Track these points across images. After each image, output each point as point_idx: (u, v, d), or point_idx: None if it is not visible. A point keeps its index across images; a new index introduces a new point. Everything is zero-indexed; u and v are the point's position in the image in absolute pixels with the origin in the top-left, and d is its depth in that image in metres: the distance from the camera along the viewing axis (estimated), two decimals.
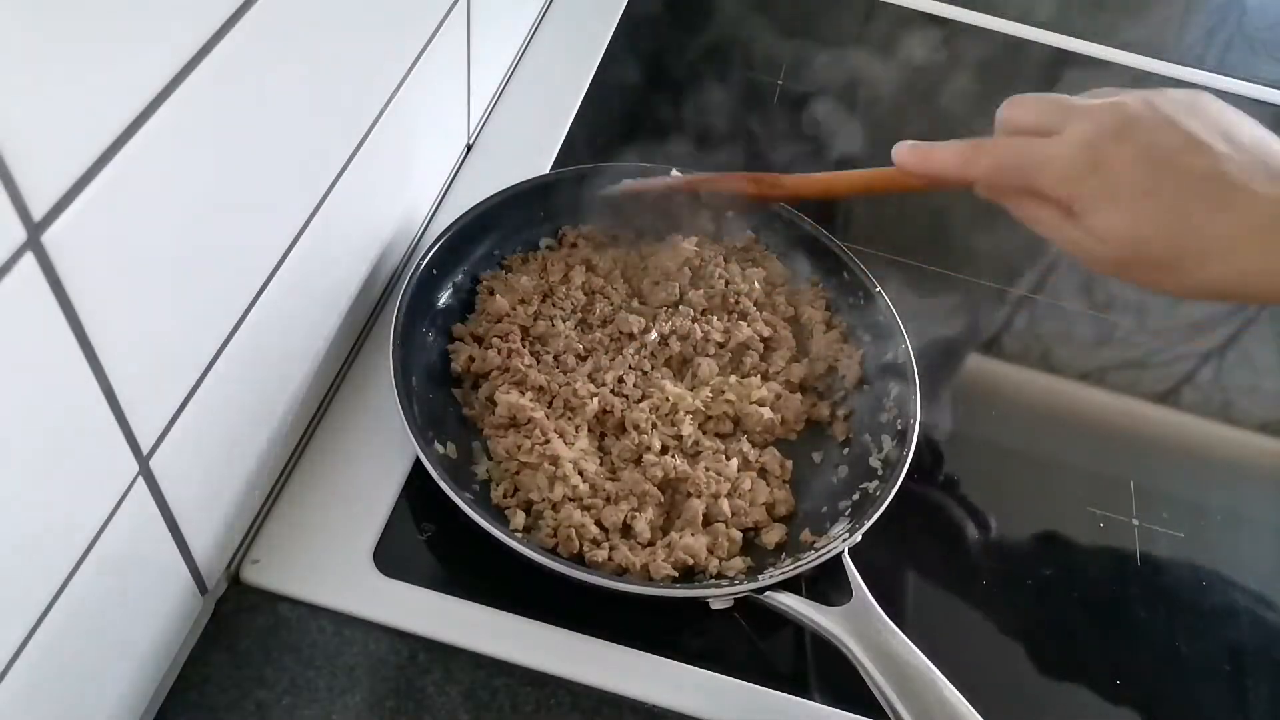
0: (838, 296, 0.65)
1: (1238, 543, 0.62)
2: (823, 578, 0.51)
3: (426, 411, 0.56)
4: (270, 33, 0.38)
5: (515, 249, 0.65)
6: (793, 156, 0.78)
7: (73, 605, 0.36)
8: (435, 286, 0.61)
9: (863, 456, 0.58)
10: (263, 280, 0.44)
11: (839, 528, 0.54)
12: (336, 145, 0.49)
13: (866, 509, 0.53)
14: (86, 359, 0.33)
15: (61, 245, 0.30)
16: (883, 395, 0.60)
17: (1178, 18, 1.02)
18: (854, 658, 0.47)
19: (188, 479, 0.43)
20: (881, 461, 0.57)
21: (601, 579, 0.49)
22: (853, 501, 0.55)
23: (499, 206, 0.64)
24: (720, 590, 0.50)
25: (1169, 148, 0.44)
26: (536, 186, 0.65)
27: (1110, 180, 0.44)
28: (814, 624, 0.48)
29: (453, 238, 0.61)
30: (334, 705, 0.47)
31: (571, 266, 0.64)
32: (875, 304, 0.62)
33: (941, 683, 0.46)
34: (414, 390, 0.55)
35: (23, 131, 0.27)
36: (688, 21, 0.91)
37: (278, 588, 0.51)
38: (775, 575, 0.50)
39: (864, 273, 0.64)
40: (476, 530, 0.49)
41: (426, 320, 0.60)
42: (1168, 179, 0.43)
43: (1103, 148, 0.44)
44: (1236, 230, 0.43)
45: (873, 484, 0.55)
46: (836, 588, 0.50)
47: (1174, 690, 0.55)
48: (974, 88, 0.92)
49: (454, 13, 0.61)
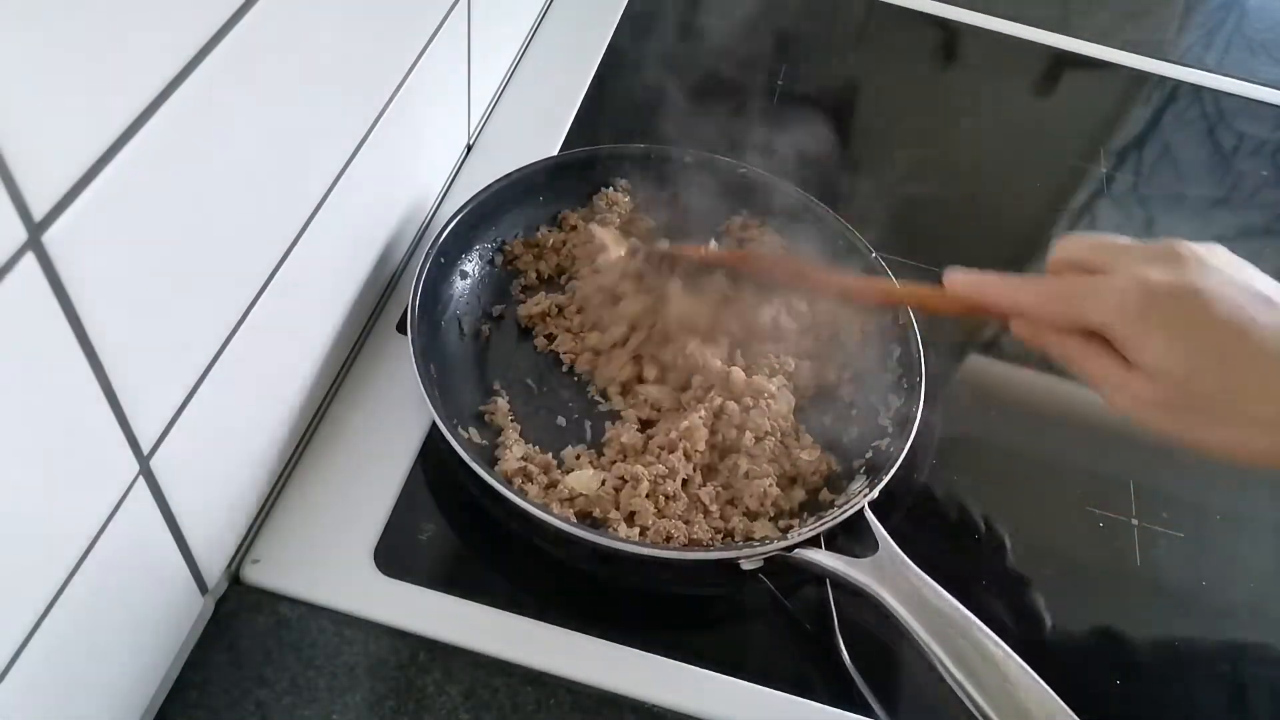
0: (834, 263, 0.66)
1: (1238, 543, 0.62)
2: (846, 535, 0.52)
3: (449, 399, 0.56)
4: (270, 33, 0.38)
5: (517, 234, 0.67)
6: (793, 156, 0.78)
7: (73, 605, 0.36)
8: (445, 276, 0.62)
9: (871, 416, 0.60)
10: (263, 280, 0.44)
11: (856, 484, 0.55)
12: (337, 146, 0.49)
13: (882, 465, 0.55)
14: (86, 359, 0.33)
15: (61, 245, 0.30)
16: (886, 356, 0.62)
17: (1178, 18, 1.02)
18: (888, 605, 0.48)
19: (188, 479, 0.43)
20: (891, 419, 0.58)
21: (634, 546, 0.50)
22: (866, 460, 0.57)
23: (506, 190, 0.65)
24: (752, 550, 0.51)
25: (1229, 288, 0.43)
26: (542, 169, 0.67)
27: (1165, 314, 0.43)
28: (845, 576, 0.50)
29: (459, 224, 0.62)
30: (334, 705, 0.47)
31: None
32: (873, 270, 0.64)
33: (975, 623, 0.47)
34: (434, 377, 0.56)
35: (23, 131, 0.27)
36: (688, 21, 0.91)
37: (278, 587, 0.51)
38: (804, 532, 0.51)
39: (860, 239, 0.65)
40: (501, 520, 0.50)
41: (440, 307, 0.61)
42: (1223, 315, 0.42)
43: (1158, 282, 0.43)
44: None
45: (884, 440, 0.57)
46: (860, 542, 0.52)
47: (1174, 690, 0.55)
48: (974, 88, 0.92)
49: (454, 13, 0.61)
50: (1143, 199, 0.83)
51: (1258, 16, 1.05)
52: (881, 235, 0.68)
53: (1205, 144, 0.89)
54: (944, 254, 0.74)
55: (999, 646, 0.47)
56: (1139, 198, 0.83)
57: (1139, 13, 1.01)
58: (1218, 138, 0.90)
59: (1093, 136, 0.88)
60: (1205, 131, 0.91)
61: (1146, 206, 0.82)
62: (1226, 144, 0.90)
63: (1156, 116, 0.91)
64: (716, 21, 0.92)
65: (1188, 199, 0.84)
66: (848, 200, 0.74)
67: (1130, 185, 0.84)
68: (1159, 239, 0.46)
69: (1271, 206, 0.86)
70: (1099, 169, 0.84)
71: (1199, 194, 0.84)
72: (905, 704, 0.51)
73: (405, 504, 0.54)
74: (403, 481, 0.55)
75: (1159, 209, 0.82)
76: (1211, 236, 0.46)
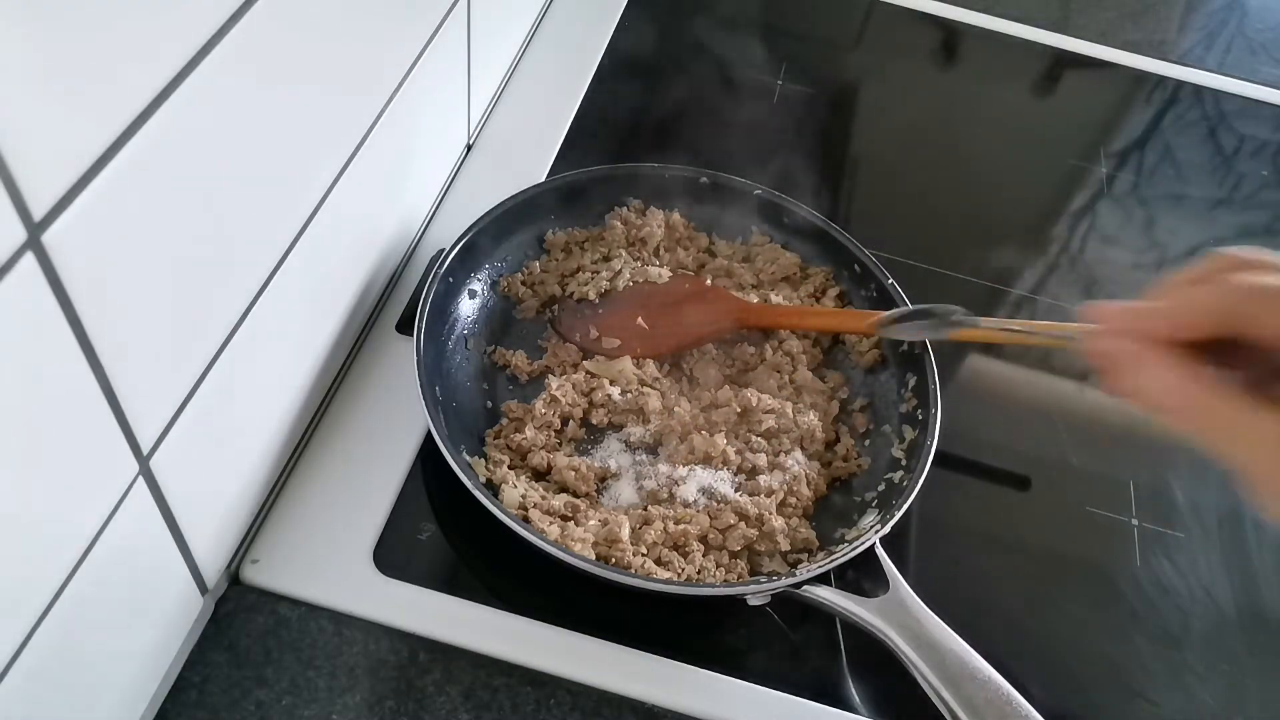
0: (851, 289, 0.66)
1: (1238, 543, 0.62)
2: (855, 570, 0.51)
3: (454, 422, 0.56)
4: (270, 33, 0.38)
5: (523, 258, 0.66)
6: (793, 157, 0.78)
7: (73, 605, 0.36)
8: (452, 295, 0.61)
9: (884, 448, 0.59)
10: (263, 280, 0.44)
11: (868, 519, 0.54)
12: (337, 145, 0.49)
13: (893, 499, 0.53)
14: (86, 359, 0.33)
15: (61, 245, 0.30)
16: (900, 386, 0.60)
17: (1178, 18, 1.02)
18: (897, 648, 0.47)
19: (188, 479, 0.43)
20: (905, 451, 0.57)
21: (642, 582, 0.49)
22: (878, 493, 0.56)
23: (512, 211, 0.64)
24: (759, 587, 0.50)
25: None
26: (546, 191, 0.66)
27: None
28: (854, 616, 0.49)
29: (467, 245, 0.61)
30: (334, 705, 0.47)
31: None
32: (888, 295, 0.63)
33: (985, 668, 0.46)
34: (439, 400, 0.56)
35: (23, 131, 0.27)
36: (688, 21, 0.91)
37: (278, 587, 0.51)
38: (812, 569, 0.50)
39: (875, 265, 0.64)
40: (501, 539, 0.49)
41: (445, 329, 0.60)
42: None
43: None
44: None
45: (897, 474, 0.56)
46: (871, 578, 0.51)
47: (1174, 690, 0.55)
48: (974, 88, 0.92)
49: (454, 13, 0.61)
50: (1143, 199, 0.83)
51: (1259, 17, 1.05)
52: (880, 235, 0.68)
53: (1206, 144, 0.89)
54: (943, 254, 0.74)
55: (1009, 689, 0.46)
56: (1139, 198, 0.83)
57: (1139, 13, 1.01)
58: (1218, 138, 0.90)
59: (1093, 136, 0.88)
60: (1206, 132, 0.91)
61: (1147, 207, 0.82)
62: (1227, 144, 0.90)
63: (1157, 117, 0.91)
64: (717, 21, 0.92)
65: (1188, 199, 0.84)
66: (847, 200, 0.74)
67: (1130, 186, 0.84)
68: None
69: (1272, 207, 0.86)
70: (1099, 169, 0.84)
71: (1199, 194, 0.84)
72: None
73: (404, 504, 0.54)
74: (402, 481, 0.55)
75: (1159, 210, 0.82)
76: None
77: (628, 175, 0.68)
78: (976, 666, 0.46)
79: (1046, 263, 0.77)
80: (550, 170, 0.74)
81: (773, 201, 0.67)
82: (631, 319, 0.63)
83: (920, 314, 0.58)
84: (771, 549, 0.54)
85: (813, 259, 0.67)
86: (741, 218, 0.69)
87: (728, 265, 0.67)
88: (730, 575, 0.53)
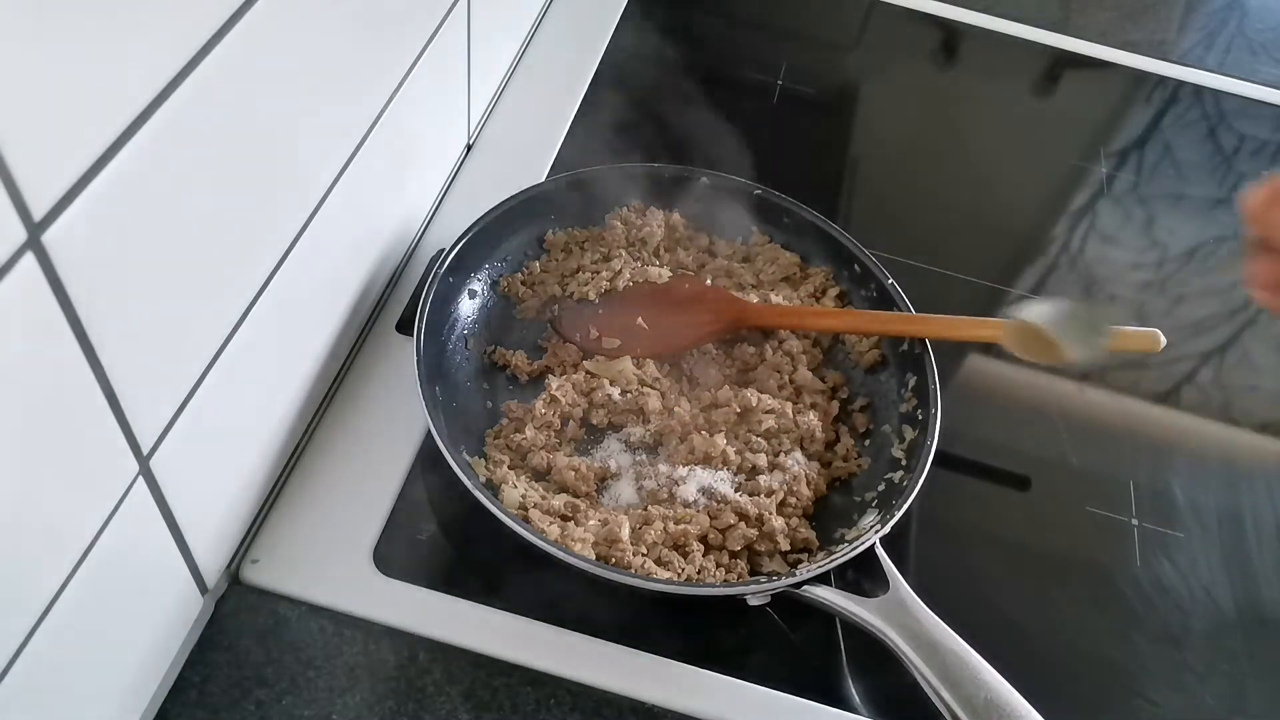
0: (851, 289, 0.66)
1: (1238, 543, 0.62)
2: (855, 570, 0.51)
3: (454, 422, 0.56)
4: (270, 33, 0.38)
5: (523, 258, 0.66)
6: (793, 157, 0.78)
7: (73, 605, 0.36)
8: (452, 295, 0.61)
9: (884, 448, 0.59)
10: (263, 280, 0.44)
11: (868, 519, 0.54)
12: (337, 145, 0.49)
13: (893, 499, 0.53)
14: (86, 359, 0.33)
15: (61, 245, 0.30)
16: (900, 385, 0.60)
17: (1178, 18, 1.02)
18: (897, 648, 0.47)
19: (188, 479, 0.43)
20: (905, 451, 0.57)
21: (642, 582, 0.49)
22: (878, 493, 0.56)
23: (512, 211, 0.64)
24: (759, 587, 0.50)
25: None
26: (546, 191, 0.66)
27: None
28: (854, 616, 0.49)
29: (467, 244, 0.61)
30: (334, 705, 0.47)
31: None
32: (888, 295, 0.63)
33: (985, 668, 0.46)
34: (439, 400, 0.55)
35: (23, 131, 0.27)
36: (688, 21, 0.91)
37: (277, 587, 0.51)
38: (812, 569, 0.50)
39: (875, 265, 0.64)
40: (501, 539, 0.49)
41: (445, 329, 0.60)
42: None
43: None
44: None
45: (897, 474, 0.56)
46: (871, 578, 0.51)
47: (1174, 690, 0.55)
48: (974, 88, 0.92)
49: (454, 13, 0.61)
50: (1143, 199, 0.83)
51: (1258, 17, 1.05)
52: (880, 235, 0.68)
53: (1206, 144, 0.89)
54: (943, 254, 0.74)
55: (1010, 690, 0.46)
56: (1139, 198, 0.83)
57: (1139, 13, 1.01)
58: (1218, 138, 0.90)
59: (1093, 136, 0.88)
60: (1206, 132, 0.91)
61: (1147, 207, 0.82)
62: (1227, 144, 0.90)
63: (1157, 117, 0.91)
64: (717, 21, 0.92)
65: (1188, 199, 0.84)
66: (847, 200, 0.74)
67: (1130, 185, 0.84)
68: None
69: None
70: (1099, 169, 0.84)
71: (1199, 194, 0.84)
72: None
73: (404, 504, 0.54)
74: (402, 481, 0.55)
75: (1159, 209, 0.82)
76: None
77: (628, 175, 0.68)
78: (976, 666, 0.46)
79: (1046, 262, 0.77)
80: (550, 170, 0.74)
81: (773, 201, 0.67)
82: (631, 319, 0.63)
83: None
84: (771, 549, 0.54)
85: (813, 259, 0.67)
86: (741, 218, 0.69)
87: (728, 265, 0.67)
88: (730, 575, 0.53)
